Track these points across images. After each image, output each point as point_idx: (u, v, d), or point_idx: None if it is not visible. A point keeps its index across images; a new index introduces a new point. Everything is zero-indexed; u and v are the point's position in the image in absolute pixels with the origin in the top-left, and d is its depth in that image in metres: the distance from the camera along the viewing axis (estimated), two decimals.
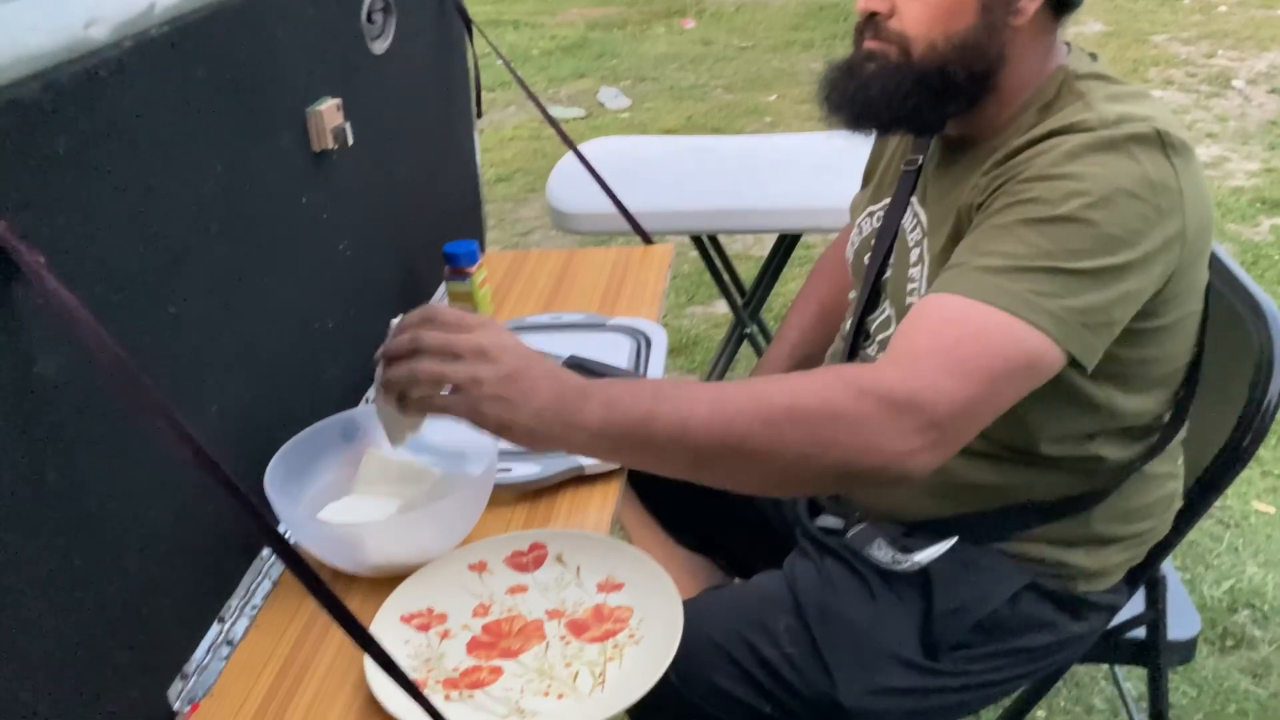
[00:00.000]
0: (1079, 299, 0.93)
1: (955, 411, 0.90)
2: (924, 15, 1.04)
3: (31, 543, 0.78)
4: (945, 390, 0.90)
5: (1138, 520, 1.17)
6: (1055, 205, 0.94)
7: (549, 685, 0.94)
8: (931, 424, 0.89)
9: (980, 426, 0.94)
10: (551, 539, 1.10)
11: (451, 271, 1.54)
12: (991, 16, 1.03)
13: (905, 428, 0.89)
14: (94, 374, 0.82)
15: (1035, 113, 1.05)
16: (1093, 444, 1.09)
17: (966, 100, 1.07)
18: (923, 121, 1.09)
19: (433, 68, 1.65)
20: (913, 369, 0.92)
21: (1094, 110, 0.99)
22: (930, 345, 0.94)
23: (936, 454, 0.91)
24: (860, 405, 0.89)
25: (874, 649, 1.13)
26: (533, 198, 4.07)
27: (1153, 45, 5.48)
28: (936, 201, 1.15)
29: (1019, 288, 0.93)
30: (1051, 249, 0.93)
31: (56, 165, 0.80)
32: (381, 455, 1.16)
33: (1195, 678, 1.84)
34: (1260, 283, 1.35)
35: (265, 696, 0.97)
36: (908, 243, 1.17)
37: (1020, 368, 0.93)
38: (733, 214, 2.19)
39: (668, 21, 6.65)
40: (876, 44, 1.07)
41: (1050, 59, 1.08)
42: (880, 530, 1.16)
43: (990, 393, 0.92)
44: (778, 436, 0.88)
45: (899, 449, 0.89)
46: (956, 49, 1.04)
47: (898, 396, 0.89)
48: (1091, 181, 0.94)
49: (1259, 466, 2.38)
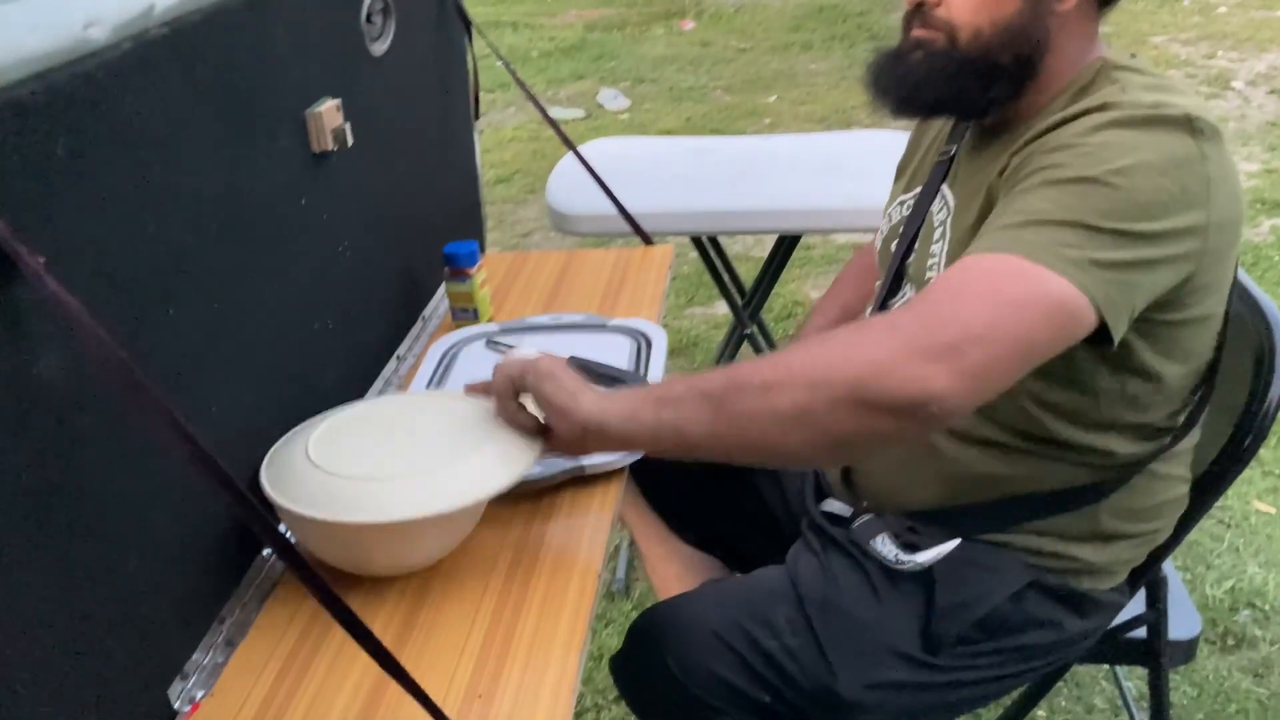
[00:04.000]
0: (1103, 253, 0.92)
1: (970, 337, 0.88)
2: (970, 2, 1.05)
3: (31, 543, 0.78)
4: (956, 316, 0.89)
5: (1145, 520, 1.17)
6: (1079, 169, 0.95)
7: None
8: (945, 345, 0.87)
9: (1010, 364, 0.91)
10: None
11: (451, 273, 1.54)
12: (1036, 4, 1.04)
13: (913, 347, 0.88)
14: (94, 374, 0.82)
15: (1070, 97, 1.06)
16: (1103, 436, 1.09)
17: (1011, 84, 1.08)
18: (968, 105, 1.11)
19: (432, 69, 1.66)
20: (921, 302, 0.92)
21: (1128, 94, 1.00)
22: (952, 287, 0.93)
23: (961, 381, 0.87)
24: (862, 333, 0.91)
25: (875, 643, 1.13)
26: (532, 199, 4.08)
27: (1152, 46, 5.48)
28: (965, 182, 1.15)
29: (1043, 239, 0.92)
30: (1075, 205, 0.93)
31: (56, 166, 0.80)
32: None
33: (1196, 677, 1.84)
34: (1260, 283, 1.35)
35: (265, 696, 0.97)
36: (933, 224, 1.18)
37: (1046, 309, 0.91)
38: (732, 215, 2.19)
39: (667, 23, 6.66)
40: (924, 32, 1.08)
41: (1091, 49, 1.09)
42: (885, 523, 1.16)
43: (1014, 325, 0.90)
44: (784, 367, 0.91)
45: (910, 371, 0.87)
46: (1002, 34, 1.05)
47: (901, 322, 0.90)
48: (1117, 151, 0.95)
49: (1259, 466, 2.38)
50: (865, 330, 0.94)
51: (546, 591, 1.05)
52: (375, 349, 1.46)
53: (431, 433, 1.10)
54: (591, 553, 1.10)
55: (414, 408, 1.19)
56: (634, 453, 1.20)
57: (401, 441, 1.10)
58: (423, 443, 1.08)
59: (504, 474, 1.04)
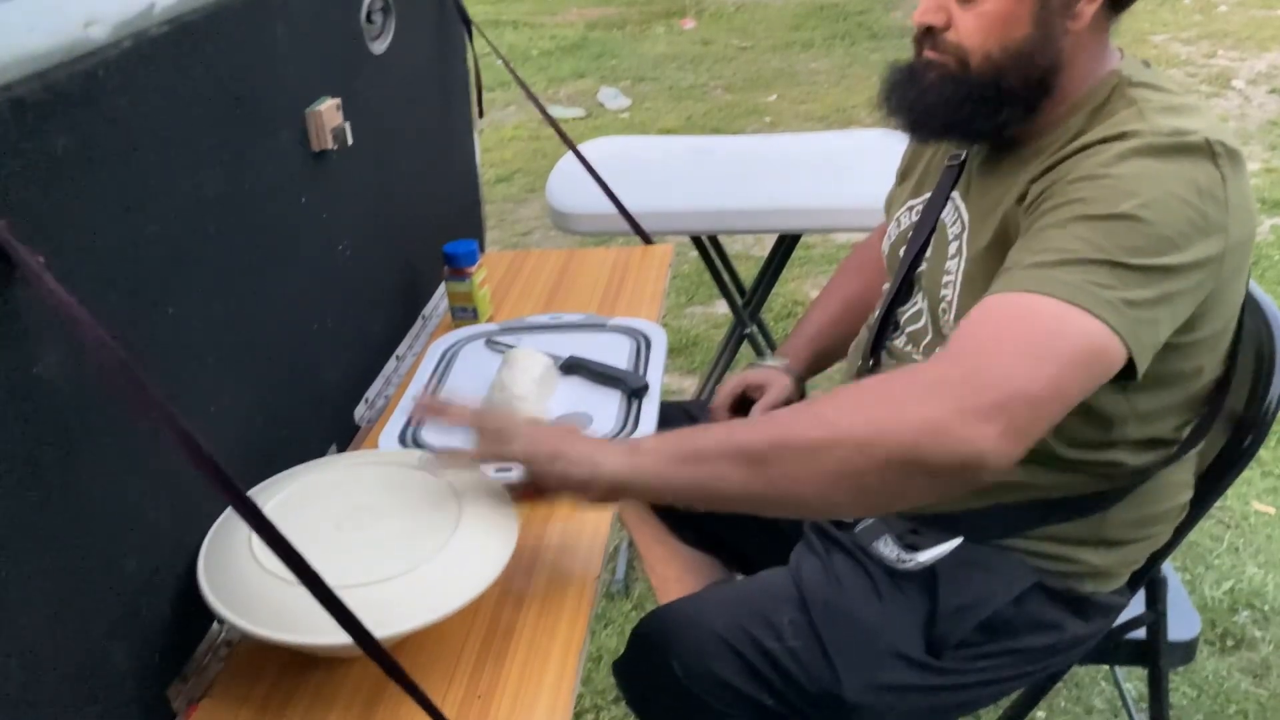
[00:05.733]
0: (1134, 292, 0.92)
1: (1018, 393, 0.88)
2: (979, 27, 1.04)
3: (31, 543, 0.77)
4: (1004, 370, 0.89)
5: (1150, 525, 1.17)
6: (1107, 204, 0.94)
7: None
8: (996, 405, 0.87)
9: (1050, 418, 0.91)
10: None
11: (451, 272, 1.54)
12: (1048, 26, 1.03)
13: (967, 406, 0.87)
14: (94, 374, 0.82)
15: (1086, 115, 1.05)
16: (1111, 451, 1.09)
17: (1023, 107, 1.07)
18: (976, 130, 1.10)
19: (432, 68, 1.65)
20: (964, 354, 0.91)
21: (1147, 121, 0.99)
22: (983, 333, 0.93)
23: (1009, 441, 0.87)
24: (911, 388, 0.89)
25: (878, 645, 1.13)
26: (532, 198, 4.07)
27: (1153, 45, 5.48)
28: (980, 198, 1.14)
29: (1077, 279, 0.92)
30: (1105, 244, 0.93)
31: (56, 165, 0.80)
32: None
33: (1195, 678, 1.84)
34: (1260, 283, 1.35)
35: (265, 696, 0.97)
36: (947, 236, 1.17)
37: (1085, 357, 0.91)
38: (732, 214, 2.19)
39: (667, 21, 6.65)
40: (935, 54, 1.08)
41: (1104, 60, 1.08)
42: (888, 526, 1.16)
43: (1058, 380, 0.90)
44: (830, 427, 0.89)
45: (966, 431, 0.86)
46: (1012, 59, 1.04)
47: (950, 377, 0.89)
48: (1142, 183, 0.94)
49: (1259, 467, 2.37)
50: (912, 385, 0.91)
51: (546, 592, 1.05)
52: (375, 348, 1.46)
53: (395, 513, 1.01)
54: (591, 553, 1.10)
55: (370, 479, 1.08)
56: None
57: (361, 528, 0.99)
58: (386, 531, 0.99)
59: (487, 569, 0.96)
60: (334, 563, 0.88)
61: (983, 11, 1.03)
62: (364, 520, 1.00)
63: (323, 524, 0.99)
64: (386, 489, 1.05)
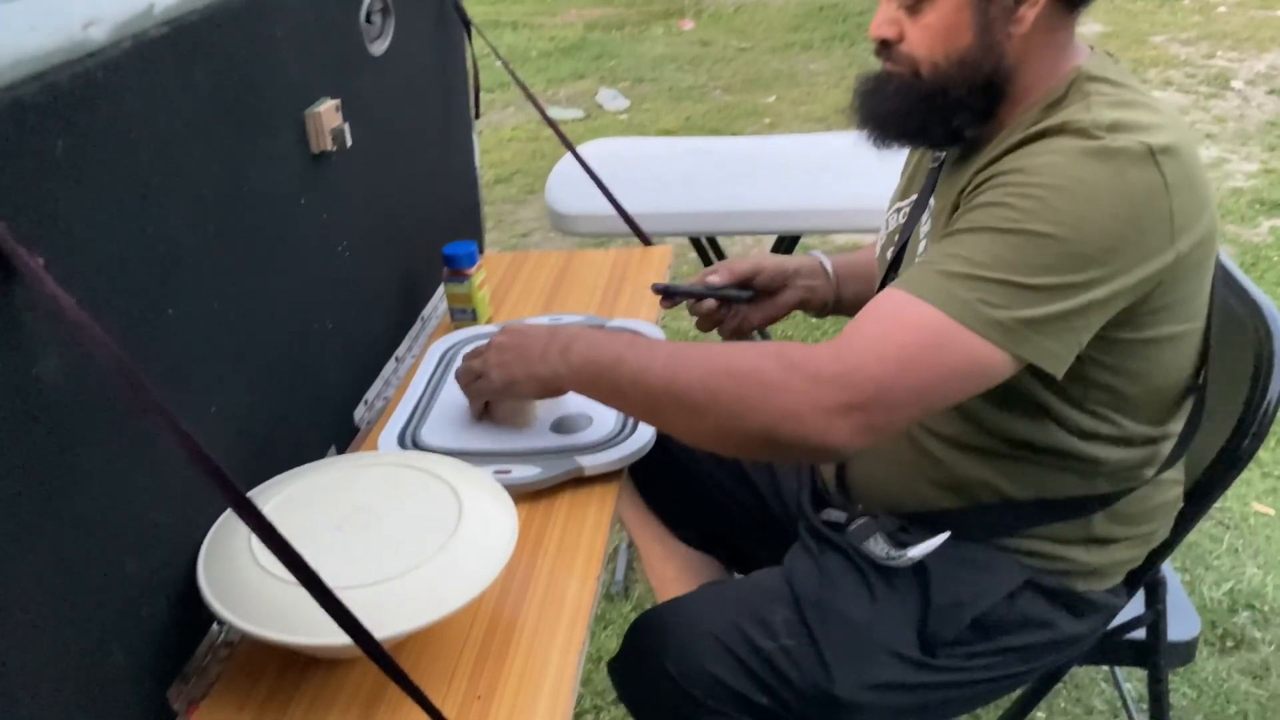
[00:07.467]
0: (1033, 310, 0.94)
1: (880, 397, 0.95)
2: (925, 39, 1.06)
3: (31, 543, 0.77)
4: (873, 375, 0.95)
5: (1139, 523, 1.17)
6: (1025, 217, 0.95)
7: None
8: (855, 405, 0.95)
9: (910, 416, 0.98)
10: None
11: (450, 273, 1.54)
12: (990, 33, 1.04)
13: (826, 403, 0.95)
14: (94, 374, 0.82)
15: (1040, 110, 1.05)
16: (1090, 444, 1.09)
17: (972, 113, 1.08)
18: (934, 137, 1.13)
19: (431, 69, 1.66)
20: (847, 351, 0.97)
21: (1090, 112, 0.98)
22: (870, 332, 0.98)
23: (860, 436, 0.96)
24: (786, 376, 0.97)
25: (871, 644, 1.13)
26: (531, 199, 4.08)
27: (1152, 46, 5.49)
28: (942, 195, 1.16)
29: (970, 296, 0.95)
30: (1013, 260, 0.94)
31: (56, 166, 0.80)
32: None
33: (1195, 679, 1.84)
34: (1260, 284, 1.35)
35: (265, 697, 0.97)
36: (919, 235, 1.19)
37: (964, 369, 0.96)
38: (731, 215, 2.19)
39: (666, 22, 6.66)
40: (891, 66, 1.10)
41: (1065, 58, 1.07)
42: (879, 524, 1.17)
43: (929, 390, 0.96)
44: (711, 395, 1.00)
45: (819, 424, 0.95)
46: (957, 66, 1.06)
47: (824, 373, 0.96)
48: (1068, 197, 0.94)
49: (1259, 468, 2.38)
50: (790, 371, 0.97)
51: (545, 593, 1.05)
52: (374, 349, 1.46)
53: (394, 513, 1.01)
54: (590, 554, 1.10)
55: (370, 480, 1.08)
56: (634, 454, 1.20)
57: (362, 529, 0.99)
58: (386, 531, 0.99)
59: (487, 569, 0.96)
60: (333, 563, 0.87)
61: (927, 24, 1.05)
62: (364, 521, 1.00)
63: (322, 525, 1.00)
64: (386, 490, 1.06)
